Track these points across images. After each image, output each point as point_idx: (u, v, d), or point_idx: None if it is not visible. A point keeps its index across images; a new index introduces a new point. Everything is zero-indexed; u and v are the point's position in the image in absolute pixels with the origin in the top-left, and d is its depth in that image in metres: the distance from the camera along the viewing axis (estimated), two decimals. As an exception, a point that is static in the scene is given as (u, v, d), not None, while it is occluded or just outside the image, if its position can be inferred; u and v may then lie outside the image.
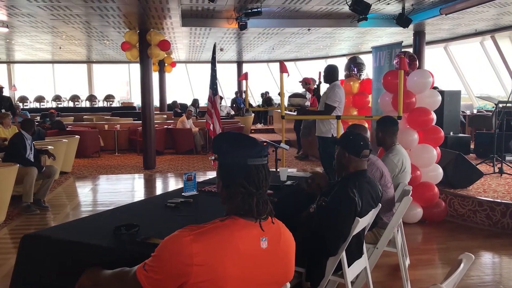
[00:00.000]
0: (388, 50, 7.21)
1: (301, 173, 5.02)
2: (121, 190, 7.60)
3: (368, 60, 8.53)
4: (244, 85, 7.90)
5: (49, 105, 19.24)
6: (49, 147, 7.05)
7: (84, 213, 6.12)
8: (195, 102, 15.30)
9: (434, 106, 5.45)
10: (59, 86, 21.08)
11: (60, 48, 13.97)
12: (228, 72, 20.75)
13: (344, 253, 2.57)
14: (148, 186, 8.01)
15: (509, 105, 7.04)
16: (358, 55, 10.15)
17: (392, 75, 5.52)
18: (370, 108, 7.84)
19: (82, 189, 7.64)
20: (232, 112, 16.02)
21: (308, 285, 2.70)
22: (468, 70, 14.56)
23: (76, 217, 5.56)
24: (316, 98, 8.78)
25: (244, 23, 8.46)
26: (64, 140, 8.32)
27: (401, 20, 8.52)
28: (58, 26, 9.65)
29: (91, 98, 20.01)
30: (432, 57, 14.84)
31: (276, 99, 18.10)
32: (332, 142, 3.47)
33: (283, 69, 5.10)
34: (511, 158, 7.45)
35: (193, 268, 1.38)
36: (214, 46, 7.23)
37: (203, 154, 11.27)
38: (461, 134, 8.26)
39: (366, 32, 11.23)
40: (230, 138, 1.63)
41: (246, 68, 19.07)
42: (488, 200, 5.26)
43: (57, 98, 19.76)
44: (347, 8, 7.68)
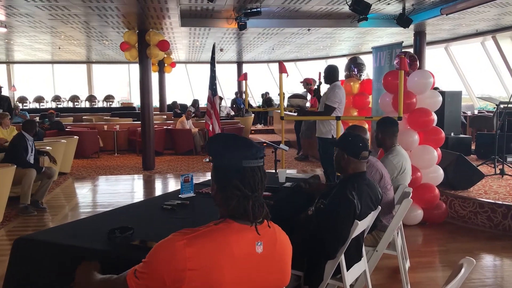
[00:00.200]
0: (388, 51, 7.17)
1: (301, 175, 4.98)
2: (120, 191, 7.56)
3: (369, 61, 8.49)
4: (244, 86, 7.87)
5: (48, 105, 19.21)
6: (47, 148, 7.01)
7: (83, 214, 6.08)
8: (195, 102, 15.26)
9: (434, 106, 5.41)
10: (59, 86, 21.05)
11: (59, 48, 13.94)
12: (228, 73, 20.74)
13: (343, 257, 2.52)
14: (147, 187, 7.97)
15: (510, 105, 6.99)
16: (359, 56, 10.10)
17: (393, 76, 5.48)
18: (371, 109, 7.80)
19: (81, 190, 7.60)
20: (232, 113, 15.98)
21: (306, 289, 2.65)
22: (469, 70, 14.52)
23: (74, 218, 5.54)
24: (317, 99, 8.74)
25: (244, 23, 8.42)
26: (62, 140, 8.29)
27: (402, 20, 8.48)
28: (57, 26, 9.61)
29: (91, 98, 19.98)
30: (433, 57, 14.80)
31: (276, 99, 18.05)
32: (331, 144, 3.44)
33: (282, 69, 5.05)
34: (512, 159, 7.40)
35: (187, 273, 1.34)
36: (213, 46, 7.23)
37: (202, 155, 11.22)
38: (462, 135, 8.21)
39: (367, 32, 11.19)
40: (225, 139, 1.59)
41: (246, 69, 19.05)
42: (489, 201, 5.22)
43: (56, 98, 19.73)
44: (347, 8, 7.64)
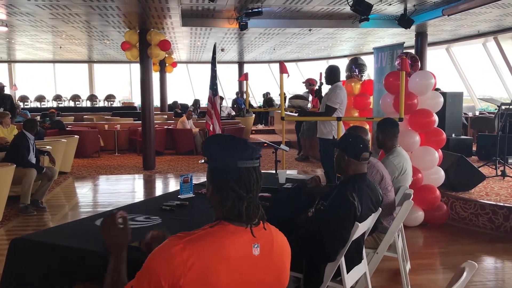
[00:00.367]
0: (389, 51, 7.15)
1: (301, 176, 4.96)
2: (120, 190, 7.55)
3: (370, 61, 8.47)
4: (245, 86, 7.85)
5: (49, 104, 19.21)
6: (48, 147, 7.00)
7: (83, 214, 6.07)
8: (196, 102, 15.25)
9: (436, 107, 5.39)
10: (60, 85, 21.05)
11: (61, 47, 13.93)
12: (229, 73, 20.71)
13: (343, 259, 2.50)
14: (147, 187, 7.95)
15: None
16: (360, 56, 10.08)
17: (394, 76, 5.46)
18: (372, 110, 7.78)
19: (81, 190, 7.59)
20: (233, 113, 15.96)
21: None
22: (470, 71, 14.49)
23: (74, 218, 5.53)
24: (318, 100, 8.71)
25: (245, 23, 8.40)
26: (63, 140, 8.28)
27: (403, 21, 8.45)
28: (58, 26, 9.60)
29: (92, 98, 19.97)
30: (434, 58, 14.76)
31: (277, 99, 18.04)
32: (331, 145, 3.42)
33: (283, 69, 5.04)
34: (513, 160, 7.37)
35: (185, 279, 1.33)
36: (214, 46, 7.21)
37: (203, 155, 11.20)
38: (463, 136, 8.17)
39: (368, 33, 11.16)
40: (220, 140, 1.58)
41: (247, 69, 19.02)
42: (491, 203, 5.19)
43: (57, 97, 19.73)
44: (348, 9, 7.61)
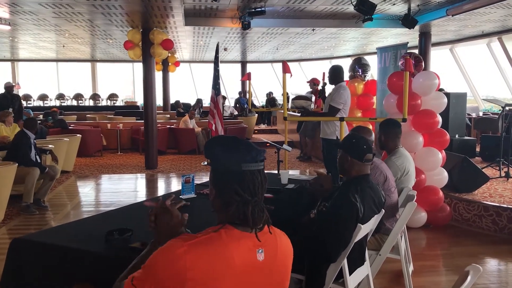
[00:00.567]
0: (393, 51, 7.12)
1: (304, 176, 4.94)
2: (122, 190, 7.54)
3: (373, 61, 8.45)
4: (247, 86, 7.85)
5: (52, 103, 19.23)
6: (50, 146, 7.00)
7: (85, 213, 6.08)
8: (198, 102, 15.24)
9: (439, 108, 5.36)
10: (63, 84, 21.07)
11: (64, 46, 13.93)
12: (232, 72, 20.70)
13: (345, 260, 2.48)
14: (149, 186, 7.94)
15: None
16: (363, 56, 10.06)
17: (397, 77, 5.43)
18: (375, 110, 7.75)
19: (83, 189, 7.58)
20: (235, 112, 15.94)
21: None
22: (474, 72, 14.44)
23: (76, 217, 5.52)
24: (322, 100, 8.69)
25: (248, 23, 8.38)
26: (65, 139, 8.27)
27: (407, 21, 8.42)
28: (61, 24, 9.60)
29: (95, 97, 19.99)
30: (438, 58, 14.71)
31: (280, 99, 18.02)
32: (335, 145, 3.40)
33: (285, 69, 5.01)
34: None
35: (187, 283, 1.30)
36: (217, 45, 7.18)
37: (206, 157, 11.18)
38: (466, 137, 8.15)
39: (371, 32, 11.13)
40: (223, 142, 1.54)
41: (250, 68, 19.00)
42: (494, 205, 5.15)
43: (60, 96, 19.75)
44: (352, 8, 7.59)
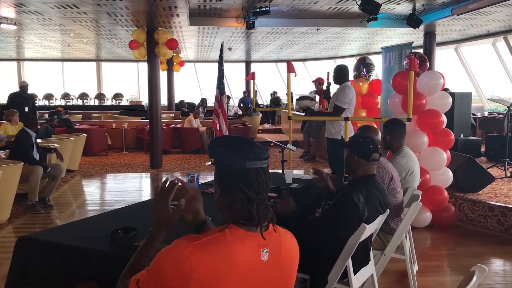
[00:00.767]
0: (398, 51, 7.11)
1: (308, 176, 4.94)
2: (127, 189, 7.57)
3: (378, 61, 8.44)
4: (252, 85, 7.84)
5: (57, 102, 19.32)
6: (55, 145, 7.03)
7: (90, 212, 6.11)
8: (203, 101, 15.26)
9: (444, 108, 5.34)
10: (68, 84, 21.17)
11: (69, 46, 14.00)
12: (236, 72, 20.71)
13: (350, 260, 2.48)
14: (154, 185, 7.96)
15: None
16: (368, 56, 10.04)
17: (402, 76, 5.42)
18: (379, 110, 7.74)
19: (88, 188, 7.62)
20: (240, 112, 15.95)
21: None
22: (479, 71, 14.38)
23: (81, 216, 5.55)
24: (327, 100, 8.67)
25: (252, 22, 8.39)
26: (70, 138, 8.31)
27: (412, 20, 8.39)
28: (66, 24, 9.64)
29: (100, 96, 20.06)
30: (443, 58, 14.67)
31: (284, 99, 18.01)
32: (340, 145, 3.40)
33: (290, 68, 5.01)
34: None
35: (192, 284, 1.30)
36: (221, 45, 7.20)
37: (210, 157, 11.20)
38: (471, 137, 8.11)
39: (376, 32, 11.10)
40: (227, 141, 1.55)
41: (255, 68, 19.01)
42: (500, 205, 5.13)
43: (66, 96, 19.84)
44: (356, 8, 7.58)
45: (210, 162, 1.53)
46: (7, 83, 19.95)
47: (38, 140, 7.16)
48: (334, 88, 6.20)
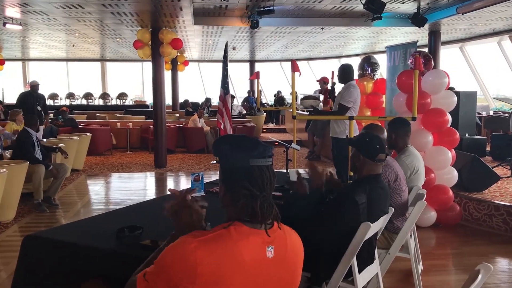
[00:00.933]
0: (402, 50, 7.07)
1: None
2: (132, 188, 7.59)
3: (382, 60, 8.40)
4: (256, 85, 7.87)
5: (62, 102, 19.39)
6: (61, 144, 7.07)
7: (95, 211, 6.13)
8: (207, 101, 15.28)
9: (449, 107, 5.32)
10: (73, 84, 21.25)
11: (74, 46, 14.06)
12: (241, 71, 20.72)
13: (354, 259, 2.48)
14: (159, 185, 7.99)
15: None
16: (372, 55, 10.01)
17: (407, 75, 5.41)
18: (384, 109, 7.72)
19: (93, 187, 7.64)
20: (244, 111, 15.96)
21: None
22: (484, 70, 14.31)
23: (86, 215, 5.58)
24: (332, 100, 8.65)
25: (257, 22, 8.39)
26: (75, 137, 8.35)
27: (417, 19, 8.37)
28: (71, 24, 9.68)
29: (104, 96, 20.13)
30: (448, 57, 14.61)
31: (288, 98, 18.00)
32: (345, 144, 3.39)
33: (294, 68, 5.01)
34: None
35: (197, 279, 1.32)
36: (226, 45, 7.19)
37: (214, 155, 11.21)
38: (476, 136, 8.08)
39: (381, 31, 11.08)
40: (231, 139, 1.56)
41: (259, 67, 19.01)
42: (505, 204, 5.11)
43: (70, 95, 19.91)
44: (361, 7, 7.57)
45: (214, 161, 1.52)
46: (13, 84, 20.06)
47: (44, 139, 7.22)
48: (338, 87, 6.18)
